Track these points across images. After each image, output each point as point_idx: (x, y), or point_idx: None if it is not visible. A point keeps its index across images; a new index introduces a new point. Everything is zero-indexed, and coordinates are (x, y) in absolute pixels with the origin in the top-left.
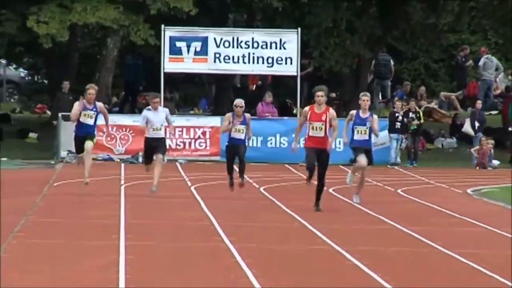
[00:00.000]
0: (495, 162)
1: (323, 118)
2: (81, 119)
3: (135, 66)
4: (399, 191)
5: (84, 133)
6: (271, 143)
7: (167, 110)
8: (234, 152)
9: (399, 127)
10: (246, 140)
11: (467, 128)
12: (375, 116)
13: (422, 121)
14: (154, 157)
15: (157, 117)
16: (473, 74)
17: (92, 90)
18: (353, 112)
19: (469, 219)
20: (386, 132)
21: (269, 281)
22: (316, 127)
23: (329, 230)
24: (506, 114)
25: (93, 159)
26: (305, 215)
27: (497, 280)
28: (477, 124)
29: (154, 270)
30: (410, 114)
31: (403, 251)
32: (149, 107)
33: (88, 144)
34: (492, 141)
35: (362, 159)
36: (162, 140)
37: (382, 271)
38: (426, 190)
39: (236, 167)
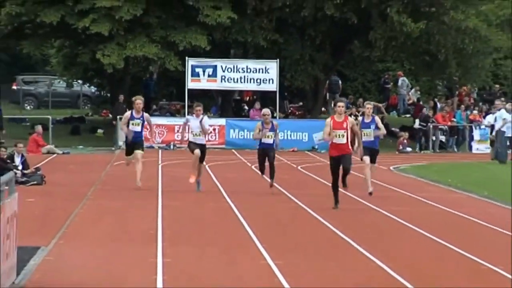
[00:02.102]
0: (408, 149)
1: (344, 126)
2: (130, 127)
3: (148, 83)
4: None
5: (133, 139)
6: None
7: (206, 117)
8: (265, 155)
9: None
10: (275, 145)
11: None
12: (377, 117)
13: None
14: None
15: (198, 124)
16: (394, 90)
17: (139, 100)
18: (359, 119)
19: (391, 186)
20: None
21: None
22: (339, 135)
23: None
24: (416, 117)
25: None
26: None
27: (413, 230)
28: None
29: (181, 220)
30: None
31: (348, 209)
32: (192, 113)
33: (138, 154)
34: (407, 135)
35: (366, 159)
36: (203, 148)
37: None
38: (360, 167)
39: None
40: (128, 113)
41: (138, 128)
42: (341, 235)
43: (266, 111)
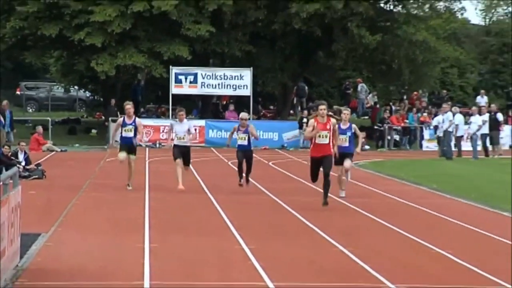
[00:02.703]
0: (366, 147)
1: (328, 127)
2: (123, 133)
3: (136, 88)
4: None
5: (125, 143)
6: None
7: (190, 123)
8: (243, 157)
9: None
10: (251, 143)
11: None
12: (354, 125)
13: None
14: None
15: (181, 127)
16: (354, 95)
17: (128, 106)
18: (336, 125)
19: (353, 180)
20: (297, 130)
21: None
22: (322, 135)
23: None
24: (373, 119)
25: None
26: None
27: (372, 218)
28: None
29: (166, 211)
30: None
31: (315, 201)
32: (176, 119)
33: (131, 158)
34: (364, 134)
35: (345, 163)
36: (187, 149)
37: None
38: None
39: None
40: (120, 119)
41: (131, 134)
42: (308, 223)
43: (244, 115)
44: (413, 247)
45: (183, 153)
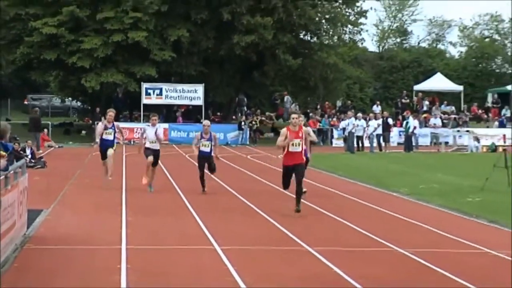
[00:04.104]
0: None
1: (300, 135)
2: (103, 136)
3: (116, 99)
4: (248, 156)
5: (106, 146)
6: (189, 136)
7: (160, 129)
8: (204, 162)
9: (243, 127)
10: (213, 152)
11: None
12: (305, 128)
13: (258, 125)
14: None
15: (152, 132)
16: (281, 105)
17: (111, 113)
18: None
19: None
20: (237, 131)
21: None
22: (295, 143)
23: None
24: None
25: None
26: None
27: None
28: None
29: (139, 194)
30: (253, 122)
31: (259, 189)
32: (149, 123)
33: (109, 152)
34: None
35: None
36: (157, 153)
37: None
38: (266, 157)
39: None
40: (101, 124)
41: (111, 137)
42: (247, 202)
43: (207, 122)
44: (338, 226)
45: (154, 156)
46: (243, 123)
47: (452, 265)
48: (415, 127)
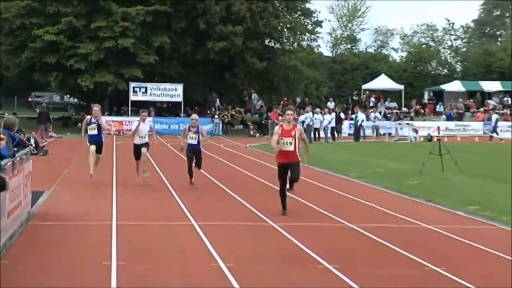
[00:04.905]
0: (257, 134)
1: (292, 133)
2: (88, 132)
3: (108, 96)
4: (221, 145)
5: (93, 140)
6: (170, 127)
7: (151, 122)
8: (193, 155)
9: (217, 121)
10: (201, 146)
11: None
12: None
13: (229, 119)
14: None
15: (144, 127)
16: (249, 101)
17: (96, 108)
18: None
19: (248, 156)
20: (211, 124)
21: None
22: (287, 142)
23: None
24: (260, 116)
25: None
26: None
27: (264, 183)
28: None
29: (127, 176)
30: (225, 116)
31: (234, 172)
32: (139, 118)
33: (99, 155)
34: (256, 126)
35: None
36: (146, 144)
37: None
38: (236, 146)
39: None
40: (87, 118)
41: (95, 132)
42: (218, 183)
43: (195, 116)
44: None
45: (142, 146)
46: (216, 116)
47: (395, 238)
48: (363, 120)
